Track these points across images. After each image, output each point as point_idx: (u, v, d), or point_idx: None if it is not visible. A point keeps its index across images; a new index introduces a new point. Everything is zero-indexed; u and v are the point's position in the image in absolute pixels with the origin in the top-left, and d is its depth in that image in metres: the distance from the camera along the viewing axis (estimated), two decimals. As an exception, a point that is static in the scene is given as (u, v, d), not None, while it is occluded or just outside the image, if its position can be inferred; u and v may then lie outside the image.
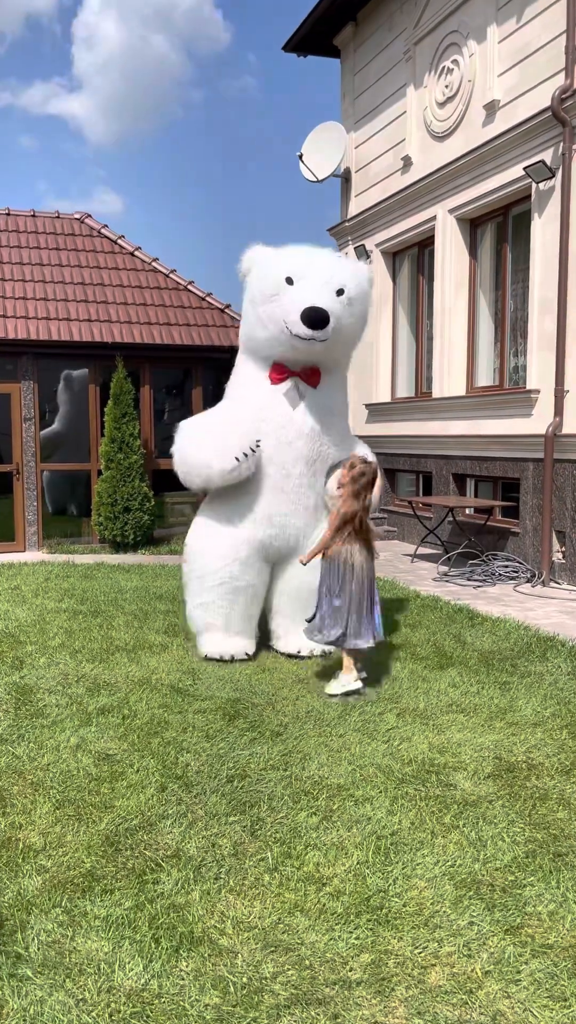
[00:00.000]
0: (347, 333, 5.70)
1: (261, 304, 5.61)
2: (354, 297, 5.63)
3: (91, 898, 2.92)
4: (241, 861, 3.16)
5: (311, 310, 5.32)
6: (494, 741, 4.30)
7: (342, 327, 5.56)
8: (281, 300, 5.48)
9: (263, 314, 5.60)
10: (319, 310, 5.32)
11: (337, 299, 5.50)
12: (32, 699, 4.98)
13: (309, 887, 2.97)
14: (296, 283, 5.48)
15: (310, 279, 5.49)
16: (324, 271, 5.57)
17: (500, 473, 9.87)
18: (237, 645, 5.85)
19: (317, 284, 5.47)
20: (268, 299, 5.55)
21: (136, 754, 4.14)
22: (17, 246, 12.40)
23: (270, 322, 5.57)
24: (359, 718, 4.63)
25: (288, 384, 5.76)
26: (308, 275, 5.51)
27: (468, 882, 3.00)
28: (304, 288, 5.45)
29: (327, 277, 5.53)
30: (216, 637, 5.87)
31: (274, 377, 5.77)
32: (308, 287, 5.45)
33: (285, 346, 5.58)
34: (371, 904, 2.86)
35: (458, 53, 10.44)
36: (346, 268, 5.76)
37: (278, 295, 5.50)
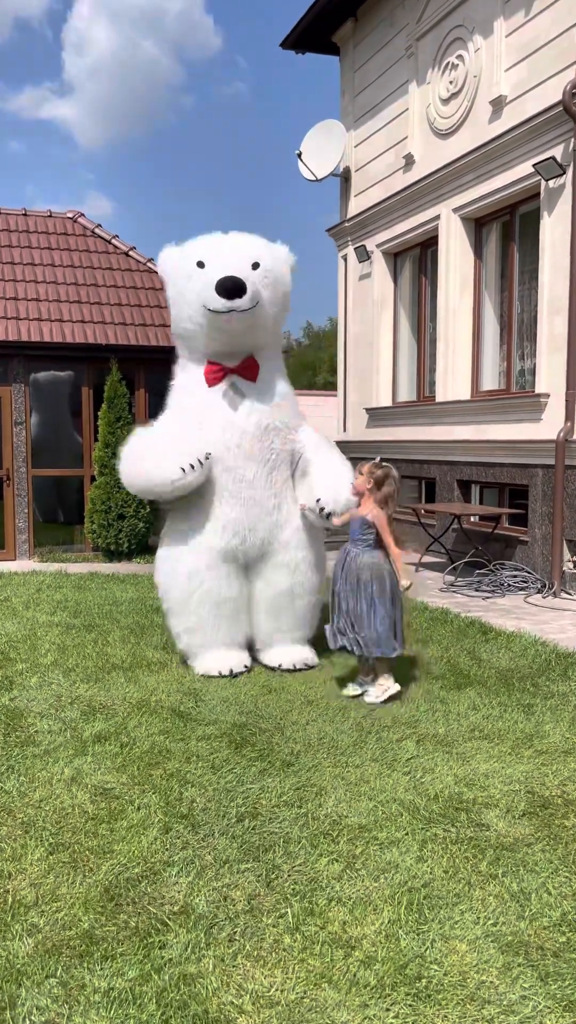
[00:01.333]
0: (270, 309, 5.50)
1: (180, 295, 5.47)
2: (271, 269, 5.46)
3: (90, 965, 2.57)
4: (257, 919, 2.82)
5: (225, 279, 5.16)
6: (524, 772, 3.97)
7: (263, 301, 5.38)
8: (196, 283, 5.32)
9: (184, 304, 5.45)
10: (232, 277, 5.15)
11: (253, 272, 5.34)
12: (22, 724, 4.63)
13: (336, 951, 2.63)
14: (208, 265, 5.33)
15: (221, 256, 5.36)
16: (235, 247, 5.45)
17: (507, 479, 9.56)
18: (235, 659, 5.60)
19: (229, 259, 5.32)
20: (185, 287, 5.41)
21: (136, 788, 3.79)
22: (8, 245, 12.04)
23: (192, 309, 5.40)
24: (376, 745, 4.29)
25: (225, 383, 5.53)
26: (219, 254, 5.38)
27: (515, 944, 2.66)
28: (216, 266, 5.29)
29: (239, 252, 5.40)
30: (212, 655, 5.60)
31: (210, 378, 5.54)
32: (220, 264, 5.30)
33: (211, 330, 5.38)
34: (408, 973, 2.52)
35: (463, 48, 10.15)
36: (259, 244, 5.58)
37: (192, 280, 5.36)
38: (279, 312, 5.68)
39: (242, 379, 5.56)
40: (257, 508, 5.50)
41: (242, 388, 5.55)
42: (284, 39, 13.31)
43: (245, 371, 5.57)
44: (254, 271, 5.35)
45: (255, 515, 5.49)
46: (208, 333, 5.42)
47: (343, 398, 13.55)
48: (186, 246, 5.60)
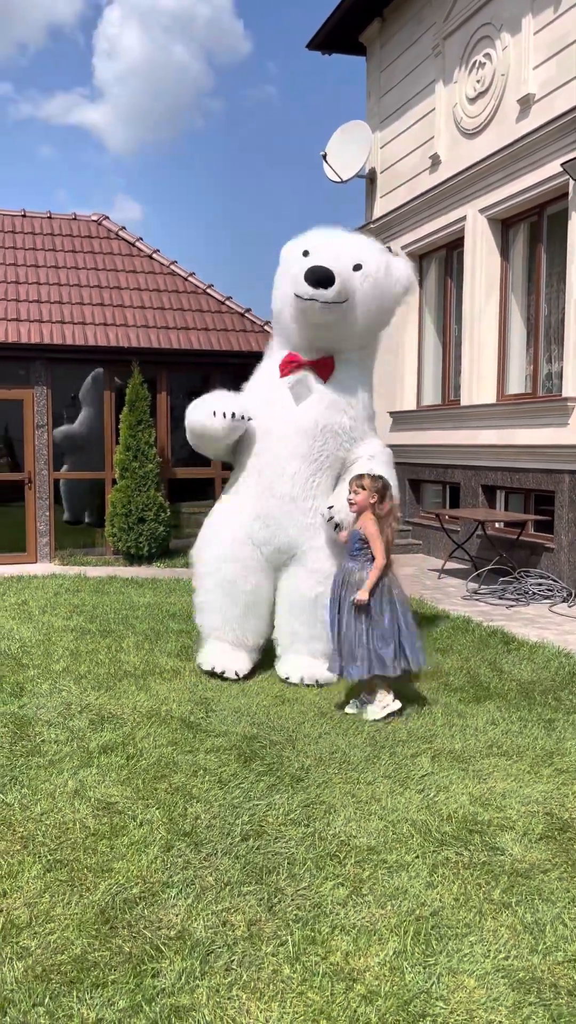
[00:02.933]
0: (363, 312, 5.39)
1: (281, 279, 5.53)
2: (373, 274, 5.36)
3: (79, 994, 2.47)
4: (256, 946, 2.70)
5: (313, 268, 5.12)
6: (543, 792, 3.81)
7: (355, 300, 5.30)
8: (294, 269, 5.32)
9: (281, 288, 5.49)
10: (321, 267, 5.10)
11: (352, 271, 5.28)
12: (29, 733, 4.55)
13: (337, 985, 2.50)
14: (312, 254, 5.32)
15: (326, 249, 5.33)
16: (341, 244, 5.41)
17: (533, 485, 9.36)
18: (230, 662, 5.52)
19: (329, 253, 5.28)
20: (286, 273, 5.46)
21: (140, 803, 3.69)
22: (32, 248, 12.05)
23: (286, 294, 5.41)
24: (390, 761, 4.15)
25: (296, 376, 5.49)
26: (325, 246, 5.35)
27: (526, 981, 2.52)
28: (315, 257, 5.26)
29: (342, 249, 5.35)
30: (214, 649, 5.60)
31: (283, 368, 5.53)
32: (319, 256, 5.27)
33: (295, 317, 5.39)
34: (411, 1010, 2.39)
35: (490, 46, 9.98)
36: (370, 247, 5.52)
37: (291, 267, 5.38)
38: (373, 320, 5.54)
39: (314, 375, 5.49)
40: (291, 505, 5.43)
41: (310, 384, 5.49)
42: (311, 40, 13.21)
43: (319, 368, 5.50)
44: (355, 271, 5.29)
45: (288, 511, 5.43)
46: (293, 319, 5.43)
47: (367, 401, 13.38)
48: (305, 235, 5.64)
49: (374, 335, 5.73)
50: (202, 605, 5.70)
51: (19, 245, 12.02)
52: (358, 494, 4.81)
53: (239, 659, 5.59)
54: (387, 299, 5.54)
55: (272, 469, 5.45)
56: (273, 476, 5.45)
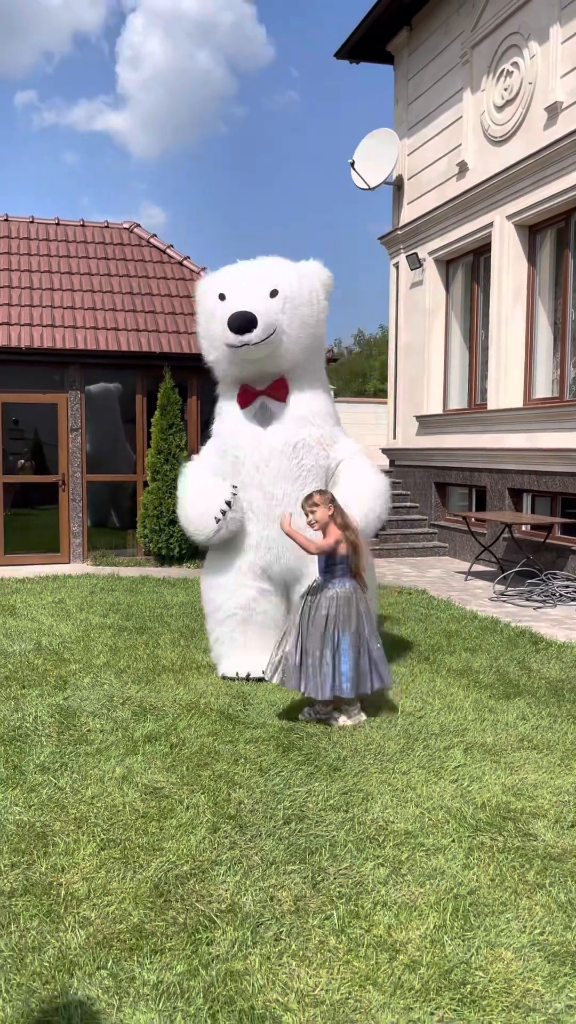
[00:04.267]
0: (293, 333, 5.44)
1: (204, 328, 5.60)
2: (291, 296, 5.42)
3: (139, 959, 2.63)
4: (303, 920, 2.85)
5: (233, 316, 5.23)
6: (574, 784, 3.94)
7: (282, 327, 5.37)
8: (217, 317, 5.41)
9: (208, 337, 5.58)
10: (240, 313, 5.21)
11: (271, 300, 5.35)
12: (76, 723, 4.73)
13: (381, 955, 2.65)
14: (228, 298, 5.40)
15: (240, 288, 5.41)
16: (251, 278, 5.47)
17: (560, 488, 9.46)
18: (254, 662, 5.53)
19: (245, 291, 5.37)
20: (208, 321, 5.53)
21: (185, 788, 3.86)
22: (67, 256, 12.31)
23: (215, 342, 5.51)
24: (423, 753, 4.30)
25: (255, 404, 5.60)
26: (237, 286, 5.43)
27: (561, 954, 2.65)
28: (234, 299, 5.35)
29: (256, 282, 5.42)
30: (234, 658, 5.66)
31: (242, 400, 5.63)
32: (238, 297, 5.35)
33: (232, 362, 5.50)
34: (452, 979, 2.53)
35: (518, 55, 10.11)
36: (278, 269, 5.54)
37: (214, 314, 5.44)
38: (306, 333, 5.56)
39: (272, 399, 5.58)
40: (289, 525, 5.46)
41: (271, 408, 5.58)
42: (339, 49, 13.40)
43: (274, 392, 5.58)
44: (272, 299, 5.36)
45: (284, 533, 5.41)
46: (232, 363, 5.53)
47: (393, 406, 13.54)
48: (213, 276, 5.69)
49: (313, 343, 5.71)
50: (218, 639, 5.77)
51: (53, 252, 12.28)
52: (313, 513, 4.80)
53: (263, 660, 5.49)
54: (312, 309, 5.56)
55: (262, 497, 5.52)
56: (264, 503, 5.52)
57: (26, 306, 11.21)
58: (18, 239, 12.36)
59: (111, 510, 11.60)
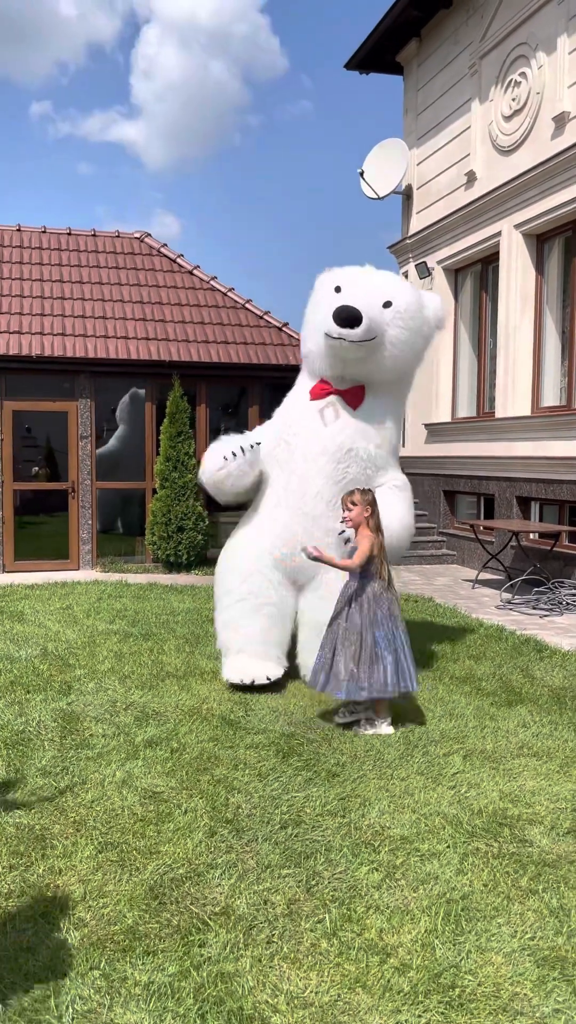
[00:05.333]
0: (393, 350, 5.47)
1: (311, 315, 5.66)
2: (403, 312, 5.47)
3: (132, 960, 2.66)
4: (296, 923, 2.87)
5: (341, 308, 5.24)
6: (571, 791, 3.94)
7: (384, 338, 5.42)
8: (324, 307, 5.44)
9: (312, 324, 5.62)
10: (349, 307, 5.22)
11: (382, 309, 5.41)
12: (78, 728, 4.77)
13: (372, 958, 2.67)
14: (342, 291, 5.48)
15: (356, 287, 5.48)
16: (372, 281, 5.55)
17: (568, 496, 9.45)
18: (259, 669, 5.47)
19: (360, 292, 5.43)
20: (316, 308, 5.59)
21: (184, 793, 3.89)
22: (78, 265, 12.42)
23: (316, 331, 5.54)
24: (422, 759, 4.31)
25: (326, 400, 5.62)
26: (356, 284, 5.50)
27: (551, 959, 2.66)
28: (346, 294, 5.41)
29: (373, 287, 5.50)
30: (237, 661, 5.56)
31: (314, 392, 5.67)
32: (350, 293, 5.42)
33: (323, 354, 5.51)
34: (442, 982, 2.55)
35: (526, 65, 10.15)
36: (400, 285, 5.64)
37: (324, 303, 5.49)
38: (403, 355, 5.56)
39: (344, 402, 5.59)
40: (312, 523, 5.47)
41: (339, 410, 5.59)
42: (348, 60, 13.48)
43: (349, 396, 5.59)
44: (385, 309, 5.41)
45: (308, 529, 5.45)
46: (321, 355, 5.55)
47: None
48: (335, 271, 5.74)
49: (406, 369, 5.75)
50: (225, 623, 5.72)
51: (65, 262, 12.40)
52: (351, 510, 4.81)
53: (267, 666, 5.53)
54: (418, 335, 5.61)
55: (296, 486, 5.55)
56: (296, 493, 5.55)
57: (37, 315, 11.31)
58: (30, 249, 12.48)
59: (120, 517, 11.67)
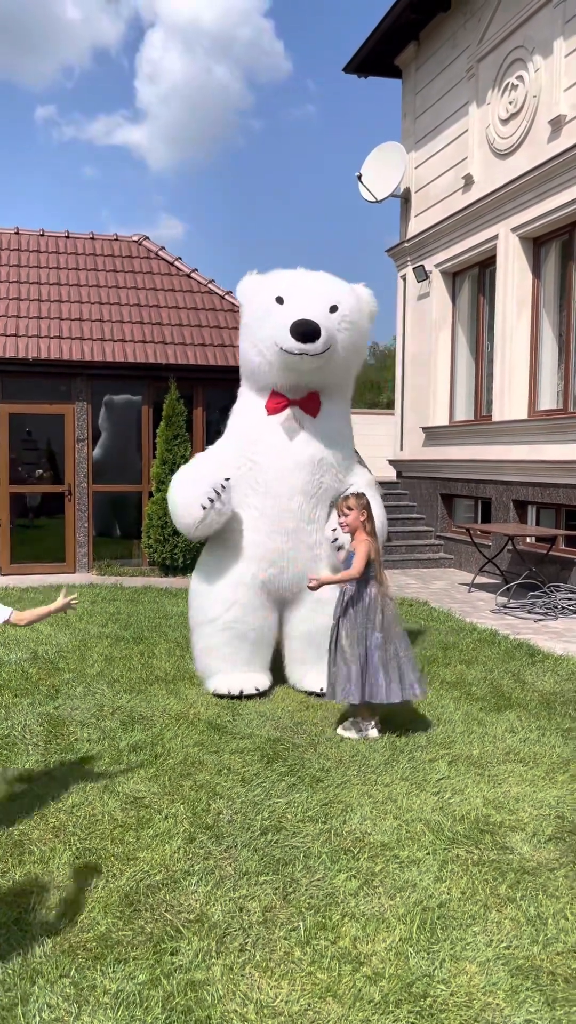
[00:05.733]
0: (344, 354, 5.41)
1: (253, 328, 5.42)
2: (348, 315, 5.36)
3: (103, 968, 2.64)
4: (270, 930, 2.85)
5: (300, 322, 5.08)
6: (556, 797, 3.91)
7: (337, 345, 5.29)
8: (272, 319, 5.25)
9: (256, 338, 5.39)
10: (308, 322, 5.08)
11: (331, 315, 5.26)
12: (63, 732, 4.76)
13: (344, 966, 2.64)
14: (286, 302, 5.27)
15: (300, 296, 5.28)
16: (315, 288, 5.37)
17: (564, 500, 9.42)
18: (248, 680, 5.45)
19: (307, 300, 5.25)
20: (259, 321, 5.36)
21: (166, 798, 3.87)
22: (76, 268, 12.43)
23: (263, 345, 5.33)
24: (407, 765, 4.28)
25: (286, 413, 5.45)
26: (298, 293, 5.30)
27: (525, 968, 2.64)
28: (294, 305, 5.22)
29: (319, 293, 5.33)
30: (224, 678, 5.48)
31: (271, 406, 5.48)
32: (298, 303, 5.22)
33: (280, 368, 5.31)
34: (413, 991, 2.52)
35: (523, 69, 10.14)
36: (341, 287, 5.48)
37: (269, 315, 5.29)
38: (353, 356, 5.58)
39: (302, 411, 5.48)
40: (296, 540, 5.39)
41: (301, 420, 5.46)
42: (347, 63, 13.48)
43: (307, 405, 5.48)
44: (332, 314, 5.27)
45: (294, 546, 5.38)
46: (276, 370, 5.36)
47: (400, 417, 13.55)
48: (268, 278, 5.56)
49: (354, 369, 5.73)
50: (207, 649, 5.55)
51: (62, 265, 12.40)
52: (347, 515, 4.79)
53: (255, 677, 5.51)
54: (361, 334, 5.55)
55: (272, 507, 5.38)
56: (272, 514, 5.38)
57: (34, 318, 11.31)
58: (28, 252, 12.49)
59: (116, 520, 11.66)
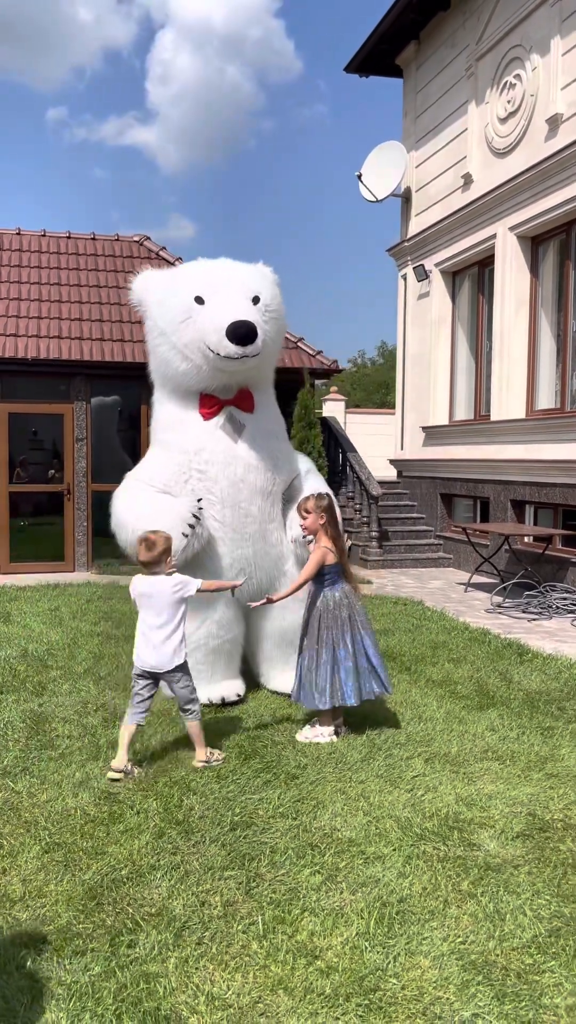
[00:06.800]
0: (272, 346, 5.20)
1: (173, 333, 4.98)
2: (270, 304, 5.12)
3: (60, 960, 2.67)
4: (229, 924, 2.87)
5: (237, 325, 4.73)
6: (529, 795, 3.92)
7: (267, 338, 5.02)
8: (196, 322, 4.89)
9: (179, 343, 4.98)
10: (245, 323, 4.74)
11: (254, 308, 4.96)
12: (46, 729, 4.79)
13: (299, 960, 2.66)
14: (208, 300, 4.91)
15: (223, 292, 4.93)
16: (236, 281, 5.02)
17: (561, 500, 9.40)
18: (229, 687, 5.29)
19: (233, 296, 4.91)
20: (180, 325, 4.94)
21: (139, 794, 3.89)
22: (76, 268, 12.49)
23: (189, 350, 4.96)
24: (384, 763, 4.29)
25: (222, 416, 5.17)
26: (219, 289, 4.95)
27: (479, 963, 2.64)
28: (220, 303, 4.87)
29: (241, 286, 5.00)
30: (203, 689, 5.19)
31: (205, 412, 5.16)
32: (224, 301, 4.87)
33: (211, 373, 5.00)
34: (365, 985, 2.54)
35: (520, 67, 10.13)
36: (256, 273, 5.21)
37: (191, 318, 4.92)
38: (277, 345, 5.38)
39: (239, 411, 5.22)
40: (262, 543, 5.21)
41: (241, 420, 5.20)
42: (348, 63, 13.49)
43: (242, 403, 5.23)
44: (255, 306, 4.99)
45: (260, 551, 5.20)
46: (207, 374, 5.03)
47: (401, 416, 13.54)
48: (176, 275, 5.18)
49: (276, 357, 5.53)
50: None
51: (63, 265, 12.47)
52: (306, 519, 4.67)
53: (234, 684, 5.36)
54: (282, 319, 5.34)
55: (231, 516, 5.10)
56: (234, 523, 5.10)
57: (34, 318, 11.38)
58: (29, 252, 12.56)
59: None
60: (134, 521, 4.93)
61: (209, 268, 5.15)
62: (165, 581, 4.21)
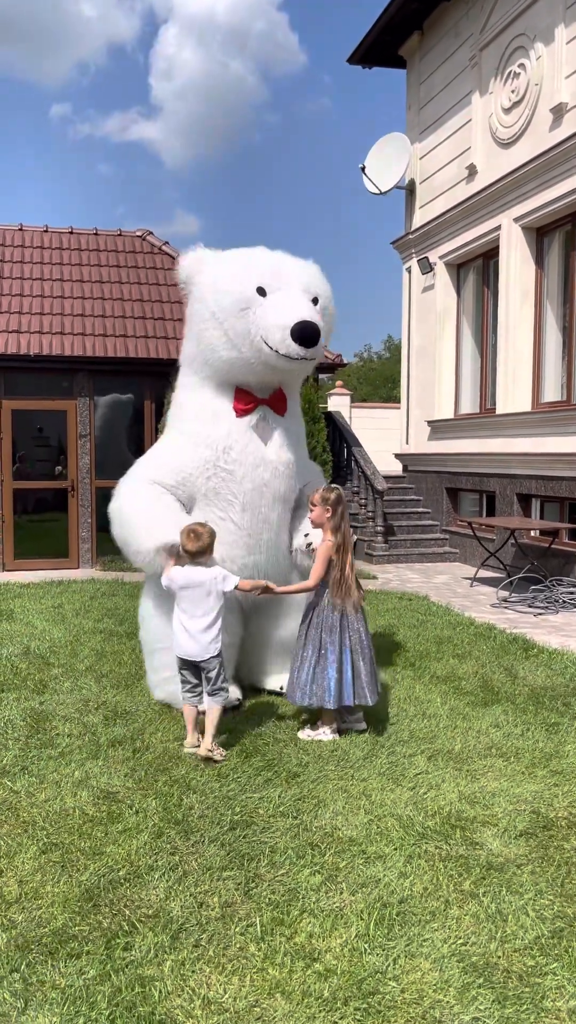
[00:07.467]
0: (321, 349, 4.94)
1: (226, 320, 4.71)
2: (325, 307, 4.96)
3: (55, 963, 2.63)
4: (227, 926, 2.83)
5: (304, 325, 4.53)
6: (533, 792, 3.86)
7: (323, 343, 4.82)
8: (256, 314, 4.66)
9: (231, 331, 4.71)
10: (312, 324, 4.55)
11: (314, 308, 4.76)
12: (46, 727, 4.76)
13: (297, 963, 2.62)
14: (271, 294, 4.70)
15: (287, 289, 4.73)
16: (300, 278, 4.83)
17: (567, 493, 9.32)
18: (231, 693, 5.06)
19: (296, 294, 4.72)
20: (238, 313, 4.68)
21: (139, 793, 3.85)
22: (79, 264, 12.45)
23: (240, 340, 4.70)
24: (386, 760, 4.25)
25: (256, 415, 4.94)
26: (283, 283, 4.74)
27: (480, 966, 2.60)
28: (284, 300, 4.66)
29: (304, 285, 4.82)
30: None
31: (239, 408, 4.92)
32: (288, 298, 4.67)
33: (262, 368, 4.78)
34: (364, 988, 2.49)
35: (524, 57, 10.03)
36: (314, 272, 5.00)
37: (250, 308, 4.67)
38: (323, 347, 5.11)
39: (272, 411, 5.04)
40: (275, 551, 5.05)
41: (272, 422, 5.02)
42: (351, 54, 13.39)
43: (275, 404, 5.04)
44: (315, 306, 4.80)
45: (272, 559, 5.03)
46: (259, 369, 4.80)
47: (406, 411, 13.47)
48: (236, 259, 4.89)
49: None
50: (174, 678, 4.75)
51: (66, 261, 12.43)
52: (312, 512, 4.65)
53: (233, 689, 5.14)
54: (331, 326, 5.13)
55: (253, 520, 4.92)
56: (256, 527, 4.93)
57: (36, 314, 11.34)
58: (31, 248, 12.52)
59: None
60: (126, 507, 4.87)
61: (271, 259, 4.90)
62: (205, 572, 4.37)
